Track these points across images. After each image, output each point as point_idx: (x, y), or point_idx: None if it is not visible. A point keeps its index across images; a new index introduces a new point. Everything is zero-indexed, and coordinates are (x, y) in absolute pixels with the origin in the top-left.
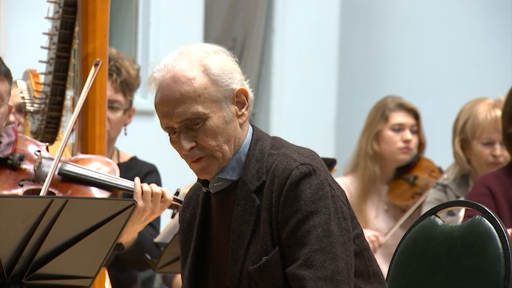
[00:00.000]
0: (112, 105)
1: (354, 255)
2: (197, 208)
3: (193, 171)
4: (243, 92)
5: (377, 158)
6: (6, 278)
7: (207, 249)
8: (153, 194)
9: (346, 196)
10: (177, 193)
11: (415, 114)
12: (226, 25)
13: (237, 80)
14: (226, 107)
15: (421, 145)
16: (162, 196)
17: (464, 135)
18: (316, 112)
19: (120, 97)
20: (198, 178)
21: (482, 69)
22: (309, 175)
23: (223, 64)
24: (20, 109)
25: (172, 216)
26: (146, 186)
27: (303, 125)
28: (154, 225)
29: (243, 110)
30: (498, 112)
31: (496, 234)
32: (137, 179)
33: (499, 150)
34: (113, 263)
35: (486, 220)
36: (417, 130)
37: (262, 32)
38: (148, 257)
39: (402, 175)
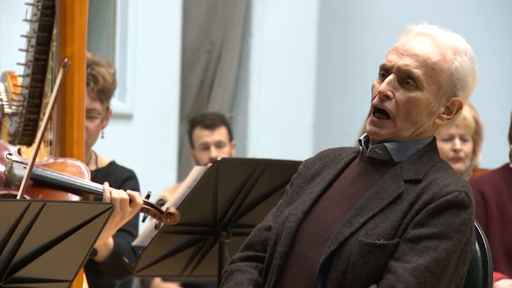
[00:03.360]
0: (90, 114)
1: None
2: (330, 165)
3: (367, 125)
4: (459, 104)
5: None
6: None
7: (324, 200)
8: (121, 200)
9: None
10: (147, 197)
11: None
12: (204, 28)
13: (464, 94)
14: (438, 99)
15: None
16: (131, 201)
17: None
18: (295, 115)
19: (97, 105)
20: (365, 135)
21: None
22: (465, 207)
23: (468, 72)
24: None
25: (143, 220)
26: (114, 192)
27: (281, 127)
28: (131, 232)
29: (445, 116)
30: None
31: (474, 238)
32: (106, 184)
33: (459, 145)
34: (91, 269)
35: None
36: None
37: (240, 35)
38: (126, 260)
39: None
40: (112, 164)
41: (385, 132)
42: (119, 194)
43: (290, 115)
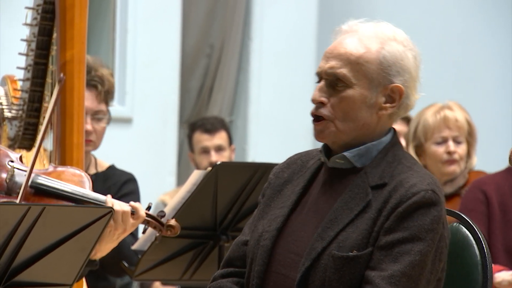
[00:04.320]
0: (98, 116)
1: None
2: (298, 173)
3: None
4: (399, 90)
5: None
6: None
7: (296, 215)
8: (123, 212)
9: (449, 241)
10: (148, 208)
11: (408, 122)
12: (204, 32)
13: (403, 79)
14: (374, 92)
15: None
16: (134, 213)
17: (417, 141)
18: (294, 119)
19: (103, 107)
20: (323, 146)
21: (462, 73)
22: (434, 205)
23: (400, 57)
24: None
25: (144, 232)
26: (116, 205)
27: (281, 131)
28: (133, 233)
29: (388, 105)
30: (448, 112)
31: (473, 242)
32: (109, 197)
33: (453, 147)
34: (91, 272)
35: (463, 227)
36: None
37: (240, 38)
38: (126, 264)
39: None
40: (112, 168)
41: (328, 132)
42: (121, 206)
43: (290, 119)
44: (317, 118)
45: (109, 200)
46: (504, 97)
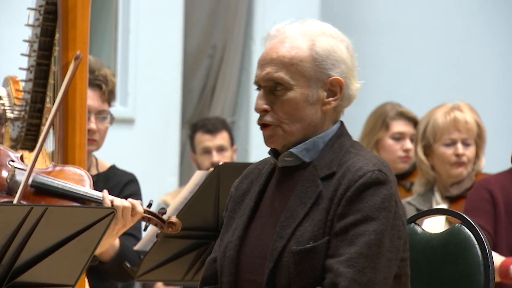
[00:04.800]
0: (102, 116)
1: (394, 276)
2: (255, 181)
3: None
4: (339, 82)
5: None
6: None
7: (256, 220)
8: (123, 208)
9: (406, 217)
10: (149, 205)
11: (414, 123)
12: (206, 32)
13: (339, 70)
14: (314, 88)
15: None
16: (132, 209)
17: (426, 141)
18: None
19: (106, 107)
20: (270, 149)
21: (462, 74)
22: (382, 184)
23: (332, 50)
24: (0, 119)
25: (144, 229)
26: (117, 200)
27: None
28: (135, 235)
29: (331, 99)
30: (457, 114)
31: (475, 242)
32: (105, 192)
33: (462, 149)
34: (94, 273)
35: (465, 228)
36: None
37: (242, 39)
38: (128, 265)
39: (398, 181)
40: (113, 168)
41: (277, 136)
42: (122, 202)
43: None
44: (264, 125)
45: (105, 196)
46: (504, 98)
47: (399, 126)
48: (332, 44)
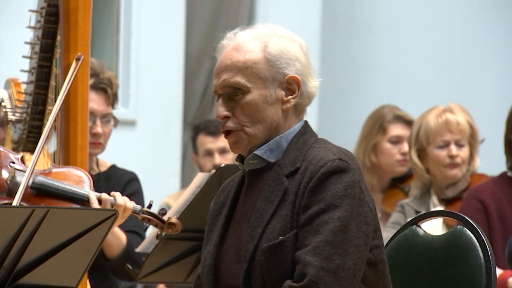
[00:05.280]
0: (106, 119)
1: (368, 264)
2: (231, 192)
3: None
4: (295, 80)
5: (375, 170)
6: None
7: (231, 227)
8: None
9: (375, 206)
10: (149, 206)
11: (411, 125)
12: (208, 34)
13: (295, 69)
14: (272, 89)
15: None
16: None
17: (419, 144)
18: None
19: (111, 110)
20: (237, 155)
21: (462, 74)
22: (343, 171)
23: (285, 49)
24: (2, 122)
25: (144, 230)
26: (120, 200)
27: None
28: (139, 233)
29: (290, 97)
30: (449, 116)
31: (477, 244)
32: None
33: (455, 150)
34: (95, 273)
35: (467, 230)
36: None
37: None
38: (130, 267)
39: (397, 185)
40: (113, 167)
41: (241, 141)
42: (115, 197)
43: None
44: (227, 132)
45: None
46: (504, 98)
47: (396, 130)
48: (284, 44)
